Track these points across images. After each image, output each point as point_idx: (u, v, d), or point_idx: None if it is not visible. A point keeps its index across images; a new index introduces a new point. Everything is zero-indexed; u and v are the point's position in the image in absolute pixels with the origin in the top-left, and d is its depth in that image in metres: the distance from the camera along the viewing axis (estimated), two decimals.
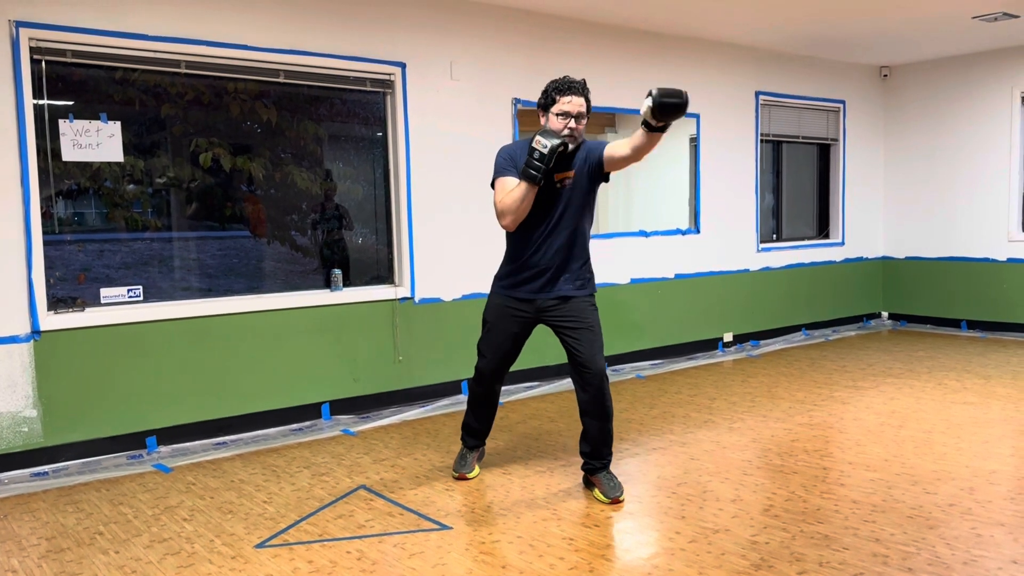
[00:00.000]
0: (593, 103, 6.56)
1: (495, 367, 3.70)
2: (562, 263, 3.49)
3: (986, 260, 7.70)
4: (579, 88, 3.40)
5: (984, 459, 3.93)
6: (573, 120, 3.38)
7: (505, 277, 3.62)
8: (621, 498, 3.48)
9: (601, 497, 3.50)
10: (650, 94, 3.00)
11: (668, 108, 3.00)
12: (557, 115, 3.39)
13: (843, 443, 4.31)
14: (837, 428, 4.60)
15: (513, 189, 3.35)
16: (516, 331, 3.64)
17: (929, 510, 3.29)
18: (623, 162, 3.35)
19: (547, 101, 3.43)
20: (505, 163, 3.47)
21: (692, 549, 2.97)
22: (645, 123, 3.10)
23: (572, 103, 3.37)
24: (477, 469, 3.88)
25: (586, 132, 3.54)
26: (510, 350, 3.68)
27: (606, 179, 3.49)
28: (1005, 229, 7.57)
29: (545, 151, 3.22)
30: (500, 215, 3.41)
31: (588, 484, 3.64)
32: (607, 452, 3.55)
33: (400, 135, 5.19)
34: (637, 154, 3.27)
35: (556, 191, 3.44)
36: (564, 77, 3.46)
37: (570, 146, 3.36)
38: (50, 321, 4.10)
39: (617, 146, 3.35)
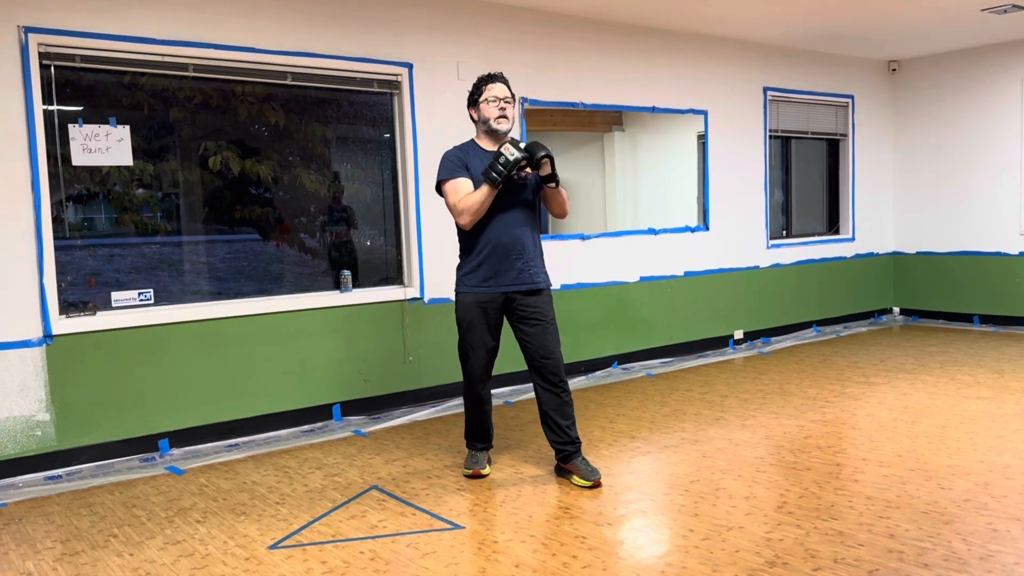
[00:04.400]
0: (601, 101, 6.58)
1: (483, 364, 3.78)
2: (527, 249, 3.68)
3: (998, 254, 7.65)
4: (500, 77, 3.72)
5: (999, 454, 3.90)
6: (502, 102, 3.66)
7: (472, 272, 3.70)
8: (600, 480, 3.62)
9: (581, 482, 3.62)
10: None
11: (527, 150, 3.50)
12: (488, 101, 3.67)
13: (856, 439, 4.29)
14: (850, 424, 4.58)
15: (475, 191, 3.56)
16: (495, 322, 3.75)
17: (944, 505, 3.27)
18: (546, 206, 3.82)
19: (476, 95, 3.72)
20: (455, 166, 3.66)
21: (705, 547, 2.96)
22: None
23: (497, 89, 3.67)
24: (489, 468, 3.88)
25: (595, 130, 3.62)
26: (493, 343, 3.78)
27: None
28: (1017, 222, 7.52)
29: (511, 158, 3.47)
30: (460, 214, 3.58)
31: (561, 472, 3.77)
32: (576, 436, 3.71)
33: (408, 136, 5.20)
34: (548, 209, 3.79)
35: (517, 184, 3.67)
36: (486, 73, 3.78)
37: (503, 130, 3.68)
38: (62, 325, 4.12)
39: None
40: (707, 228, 6.89)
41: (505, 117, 3.66)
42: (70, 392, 4.15)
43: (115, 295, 4.34)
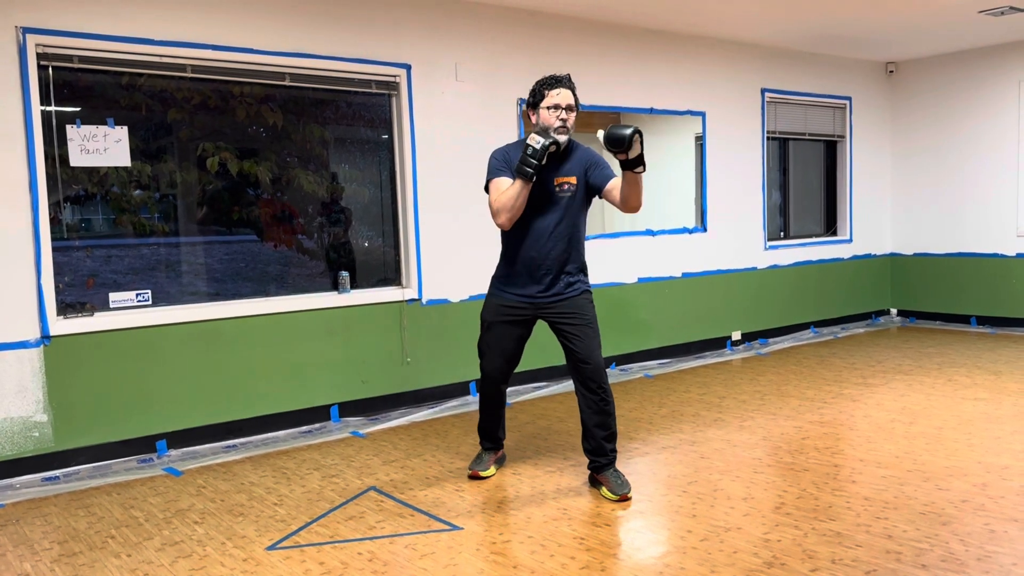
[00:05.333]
0: (599, 103, 6.57)
1: (498, 366, 3.72)
2: (561, 266, 3.56)
3: (995, 255, 7.66)
4: (566, 81, 3.52)
5: (996, 455, 3.91)
6: (564, 111, 3.47)
7: (504, 278, 3.65)
8: (629, 495, 3.48)
9: (609, 495, 3.50)
10: (603, 130, 3.23)
11: (611, 138, 3.19)
12: (548, 108, 3.47)
13: (854, 440, 4.29)
14: (847, 425, 4.58)
15: (508, 187, 3.42)
16: (517, 331, 3.68)
17: (941, 506, 3.27)
18: (616, 204, 3.50)
19: (537, 98, 3.52)
20: (500, 164, 3.53)
21: (704, 548, 2.96)
22: (621, 164, 3.30)
23: (561, 95, 3.48)
24: (492, 470, 3.87)
25: (593, 131, 3.58)
26: (511, 349, 3.70)
27: (597, 195, 3.61)
28: (1014, 224, 7.53)
29: (538, 147, 3.33)
30: (496, 213, 3.45)
31: (594, 483, 3.65)
32: (611, 448, 3.57)
33: (406, 137, 5.20)
34: (627, 199, 3.41)
35: (557, 196, 3.52)
36: (550, 75, 3.57)
37: (561, 142, 3.45)
38: (60, 326, 4.11)
39: (617, 185, 3.48)
40: (705, 229, 6.90)
41: (565, 128, 3.47)
42: (68, 393, 4.14)
43: (113, 296, 4.33)
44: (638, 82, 6.34)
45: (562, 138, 3.46)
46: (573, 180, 3.54)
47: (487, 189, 3.55)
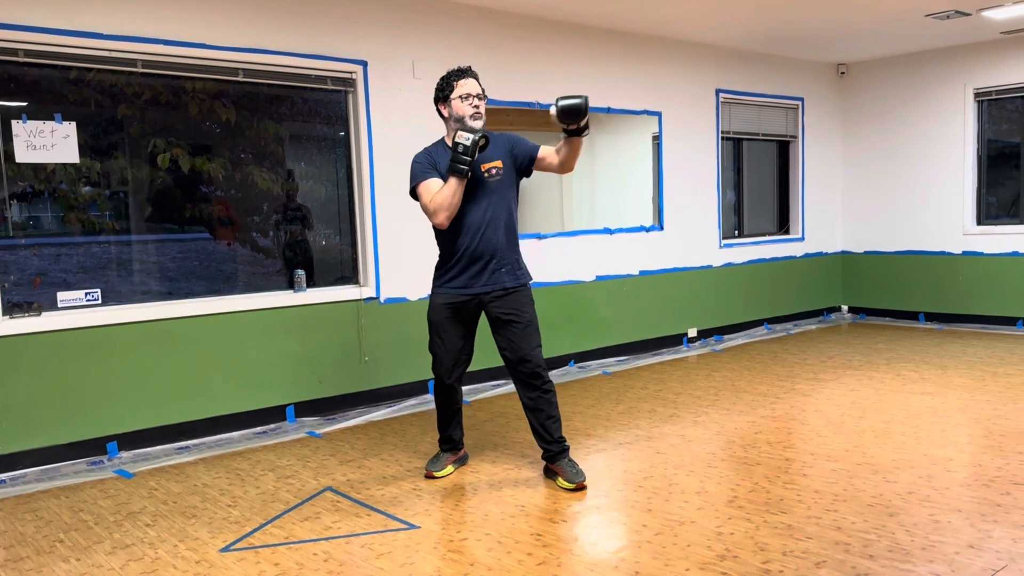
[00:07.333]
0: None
1: (449, 366, 3.72)
2: (500, 252, 3.60)
3: (942, 253, 7.86)
4: (470, 72, 3.59)
5: (942, 447, 4.02)
6: (475, 99, 3.53)
7: (445, 275, 3.67)
8: (585, 483, 3.55)
9: (565, 484, 3.56)
10: (554, 103, 3.31)
11: (568, 110, 3.29)
12: (460, 98, 3.53)
13: (805, 434, 4.38)
14: (799, 420, 4.67)
15: (443, 187, 3.45)
16: (463, 328, 3.70)
17: (889, 498, 3.35)
18: (553, 168, 3.60)
19: (446, 91, 3.57)
20: (425, 167, 3.57)
21: (658, 541, 3.00)
22: (564, 131, 3.40)
23: (469, 84, 3.54)
24: (449, 469, 3.87)
25: (552, 130, 3.62)
26: (461, 347, 3.72)
27: (527, 175, 3.69)
28: (960, 223, 7.74)
29: (468, 143, 3.38)
30: (433, 213, 3.48)
31: (549, 473, 3.70)
32: (561, 436, 3.64)
33: (363, 134, 5.16)
34: (566, 162, 3.55)
35: (485, 182, 3.57)
36: (454, 67, 3.62)
37: (479, 128, 3.51)
38: (5, 326, 4.01)
39: (549, 151, 3.60)
40: (662, 228, 6.97)
41: (480, 114, 3.53)
42: (14, 395, 4.04)
43: (61, 295, 4.24)
44: (596, 81, 6.37)
45: (479, 124, 3.52)
46: (499, 164, 3.59)
47: (414, 194, 3.59)
